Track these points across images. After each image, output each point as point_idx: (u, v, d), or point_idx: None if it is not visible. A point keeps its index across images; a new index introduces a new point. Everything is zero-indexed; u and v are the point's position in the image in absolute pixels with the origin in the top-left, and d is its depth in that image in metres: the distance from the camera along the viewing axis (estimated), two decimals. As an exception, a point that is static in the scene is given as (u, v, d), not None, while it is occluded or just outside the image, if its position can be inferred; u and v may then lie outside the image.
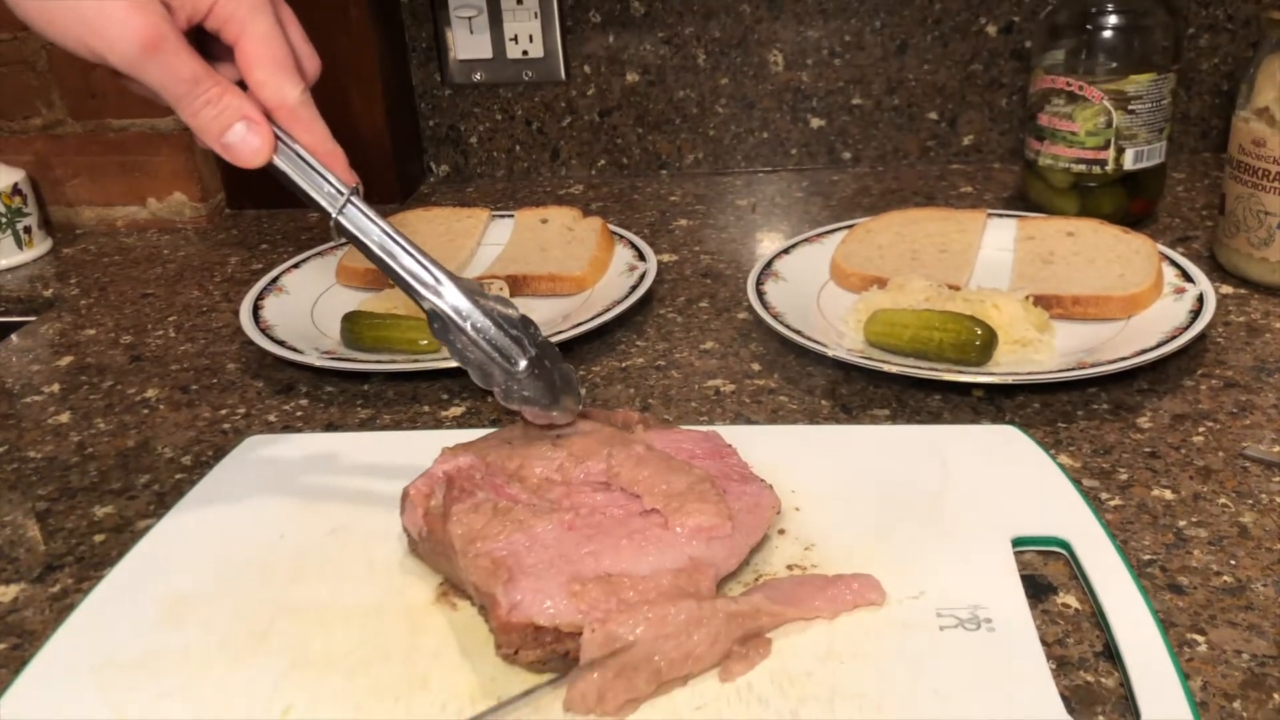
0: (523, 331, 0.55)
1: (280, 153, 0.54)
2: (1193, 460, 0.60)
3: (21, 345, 0.87)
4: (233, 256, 1.03)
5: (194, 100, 0.51)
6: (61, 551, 0.59)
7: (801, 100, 1.15)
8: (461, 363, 0.54)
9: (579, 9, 1.13)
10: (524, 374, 0.55)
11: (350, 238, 0.55)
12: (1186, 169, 1.09)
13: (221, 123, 0.52)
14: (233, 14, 0.52)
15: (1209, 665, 0.46)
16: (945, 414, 0.67)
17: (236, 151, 0.53)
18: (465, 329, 0.54)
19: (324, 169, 0.54)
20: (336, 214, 0.54)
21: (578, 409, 0.57)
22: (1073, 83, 0.88)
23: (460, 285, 0.55)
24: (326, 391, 0.75)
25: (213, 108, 0.52)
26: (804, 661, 0.46)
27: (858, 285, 0.81)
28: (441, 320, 0.54)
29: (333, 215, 0.54)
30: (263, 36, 0.52)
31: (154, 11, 0.49)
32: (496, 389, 0.54)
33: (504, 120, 1.19)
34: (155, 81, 0.50)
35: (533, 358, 0.55)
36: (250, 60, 0.53)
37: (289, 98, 0.53)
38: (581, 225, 0.93)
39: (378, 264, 0.55)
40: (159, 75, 0.50)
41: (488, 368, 0.54)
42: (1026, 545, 0.53)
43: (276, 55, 0.53)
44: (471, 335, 0.54)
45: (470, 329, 0.54)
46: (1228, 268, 0.83)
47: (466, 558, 0.48)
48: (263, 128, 0.53)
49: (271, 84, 0.53)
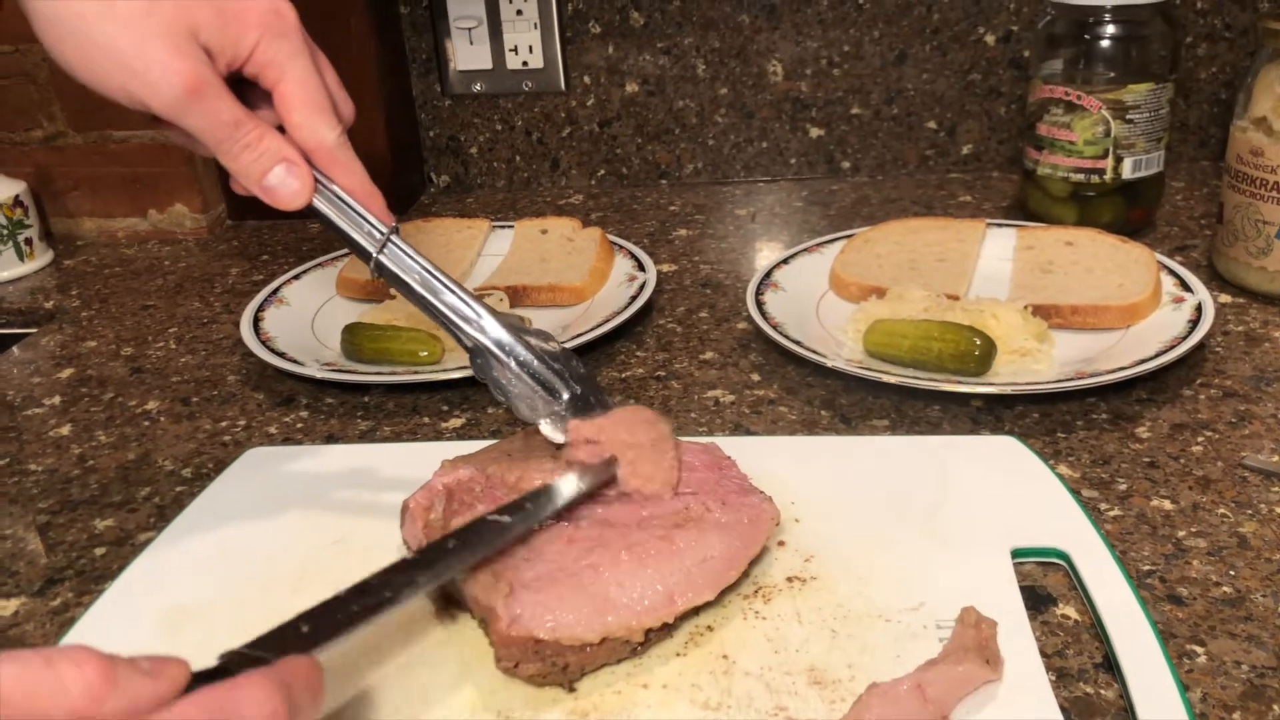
0: (565, 365, 0.56)
1: (319, 194, 0.55)
2: (1192, 470, 0.60)
3: (22, 357, 0.87)
4: (233, 268, 1.03)
5: (235, 144, 0.52)
6: (62, 565, 0.59)
7: (800, 110, 1.15)
8: (504, 397, 0.55)
9: (579, 20, 1.13)
10: (565, 407, 0.55)
11: (391, 277, 0.55)
12: (1185, 178, 1.09)
13: (262, 165, 0.53)
14: (272, 59, 0.53)
15: (1208, 676, 0.46)
16: (944, 424, 0.67)
17: (277, 194, 0.53)
18: (509, 364, 0.55)
19: (363, 209, 0.55)
20: (377, 254, 0.55)
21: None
22: (1071, 92, 0.89)
23: (502, 320, 0.55)
24: (327, 403, 0.75)
25: (253, 151, 0.52)
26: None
27: (857, 295, 0.81)
28: (484, 356, 0.55)
29: (374, 255, 0.55)
30: (301, 80, 0.53)
31: (196, 57, 0.50)
32: (543, 421, 0.55)
33: (504, 130, 1.19)
34: (196, 126, 0.51)
35: (575, 393, 0.55)
36: (289, 103, 0.53)
37: (327, 139, 0.54)
38: (581, 236, 0.93)
39: (418, 302, 0.55)
40: (200, 120, 0.51)
41: (532, 401, 0.55)
42: (1026, 556, 0.53)
43: (315, 99, 0.54)
44: (515, 370, 0.55)
45: (514, 364, 0.55)
46: (1226, 277, 0.83)
47: (467, 570, 0.48)
48: (302, 170, 0.54)
49: (310, 126, 0.54)
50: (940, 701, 0.43)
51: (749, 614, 0.49)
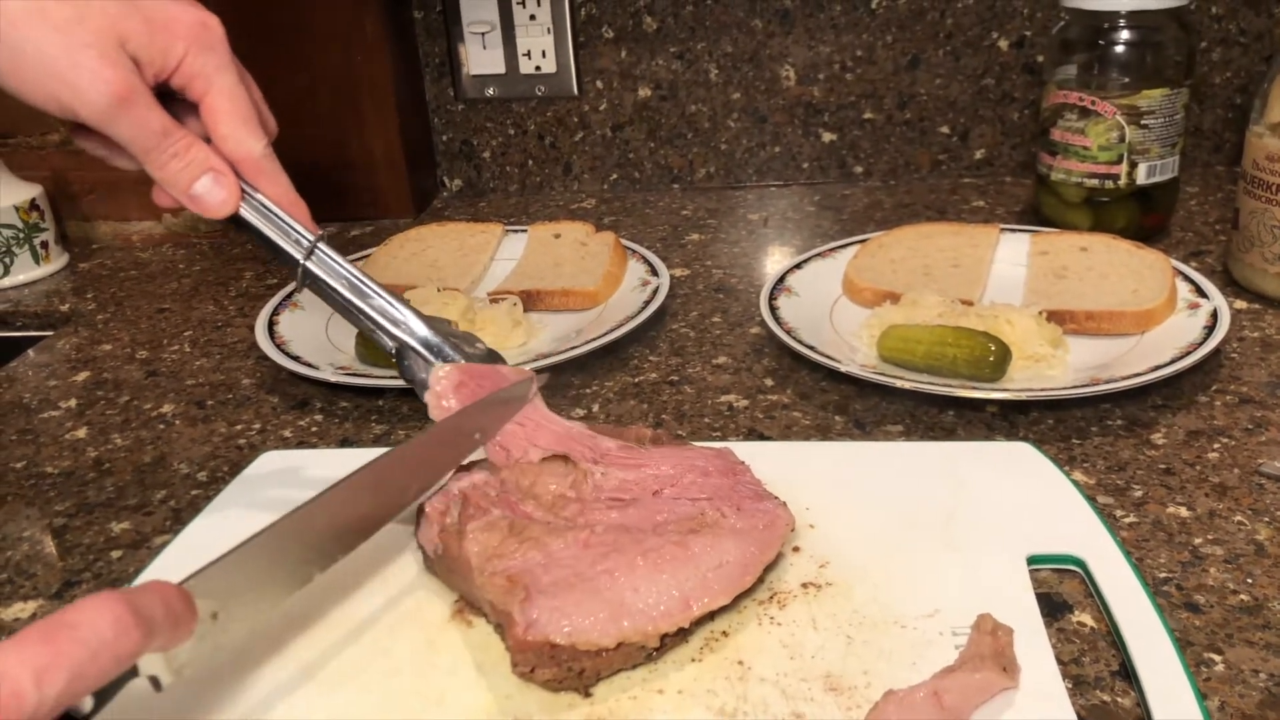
0: (490, 363, 0.57)
1: (245, 203, 0.55)
2: (1208, 477, 0.60)
3: (38, 360, 0.87)
4: (247, 271, 1.03)
5: (163, 153, 0.53)
6: (79, 568, 0.60)
7: (813, 114, 1.15)
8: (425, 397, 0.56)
9: (592, 24, 1.14)
10: None
11: (317, 284, 0.57)
12: (1199, 183, 1.08)
13: (189, 175, 0.53)
14: (200, 70, 0.53)
15: (1226, 685, 0.46)
16: (959, 430, 0.67)
17: (204, 202, 0.54)
18: (432, 362, 0.56)
19: (289, 219, 0.56)
20: (304, 260, 0.56)
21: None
22: (1085, 98, 0.89)
23: (428, 322, 0.57)
24: (341, 407, 0.75)
25: (180, 160, 0.53)
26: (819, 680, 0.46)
27: (870, 300, 0.81)
28: (410, 356, 0.56)
29: (300, 261, 0.56)
30: (228, 93, 0.54)
31: (125, 66, 0.50)
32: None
33: (516, 135, 1.19)
34: (125, 135, 0.51)
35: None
36: (217, 115, 0.54)
37: (254, 150, 0.55)
38: (594, 240, 0.94)
39: (344, 307, 0.57)
40: (129, 129, 0.51)
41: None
42: (1041, 563, 0.53)
43: (242, 110, 0.55)
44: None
45: (438, 363, 0.56)
46: (1241, 283, 0.83)
47: (483, 575, 0.48)
48: (229, 179, 0.54)
49: (237, 137, 0.54)
50: (957, 709, 0.43)
51: (764, 620, 0.49)
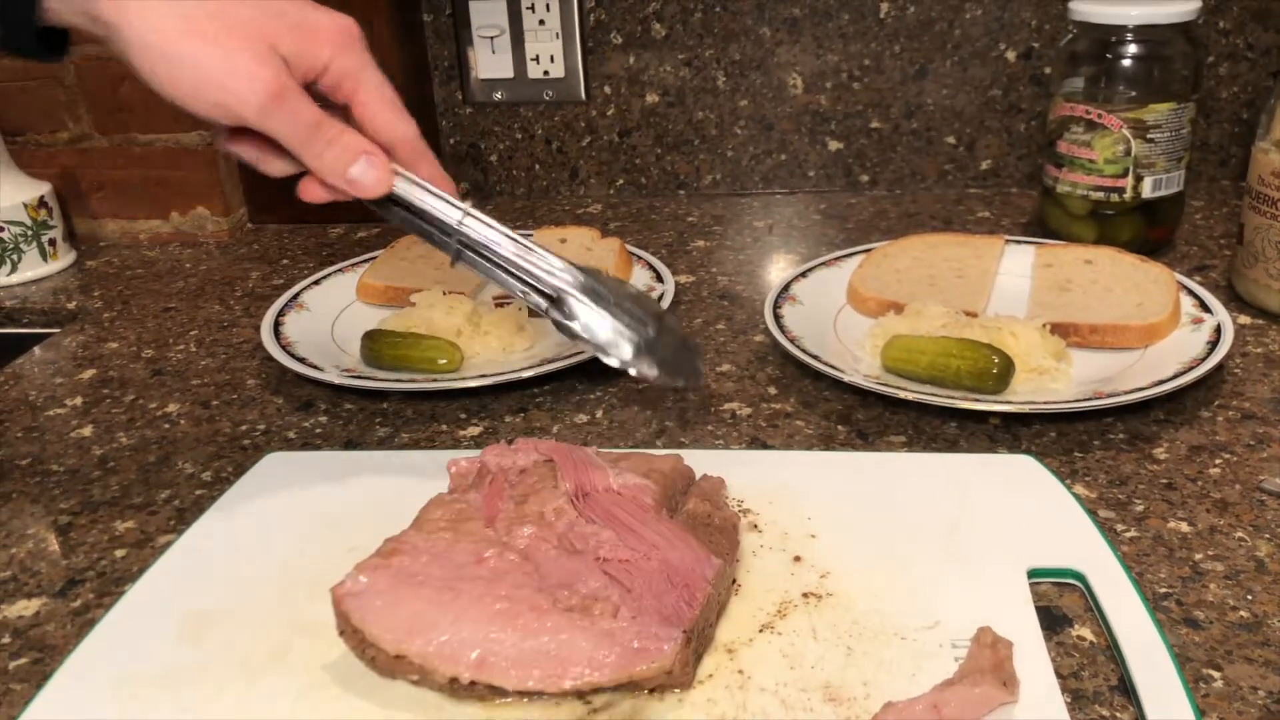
0: (641, 303, 0.63)
1: (398, 183, 0.59)
2: (1209, 493, 0.60)
3: (44, 357, 0.88)
4: (254, 271, 1.04)
5: (318, 141, 0.56)
6: (83, 566, 0.60)
7: (820, 123, 1.15)
8: (589, 340, 0.61)
9: (600, 30, 1.14)
10: (649, 338, 0.62)
11: (472, 249, 0.61)
12: (1205, 197, 1.09)
13: (346, 160, 0.57)
14: (348, 70, 0.57)
15: (1225, 702, 0.46)
16: (961, 441, 0.67)
17: (360, 184, 0.58)
18: (592, 306, 0.61)
19: (440, 192, 0.60)
20: (459, 225, 0.60)
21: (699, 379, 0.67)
22: (1092, 110, 0.89)
23: (583, 270, 0.61)
24: (346, 409, 0.75)
25: (335, 146, 0.57)
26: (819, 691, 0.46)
27: (875, 310, 0.82)
28: (568, 304, 0.61)
29: (456, 228, 0.60)
30: (378, 86, 0.59)
31: (276, 65, 0.54)
32: (620, 362, 0.61)
33: (524, 139, 1.20)
34: (281, 128, 0.55)
35: (655, 331, 0.62)
36: (371, 108, 0.58)
37: (409, 133, 0.60)
38: (600, 246, 0.94)
39: (499, 267, 0.61)
40: (284, 122, 0.55)
41: (617, 339, 0.61)
42: (1042, 577, 0.53)
43: (393, 99, 0.59)
44: (598, 313, 0.61)
45: (596, 306, 0.61)
46: (1245, 298, 0.83)
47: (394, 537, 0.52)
48: (381, 159, 0.58)
49: (392, 123, 0.59)
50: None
51: (765, 629, 0.49)
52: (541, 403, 0.74)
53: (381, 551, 0.51)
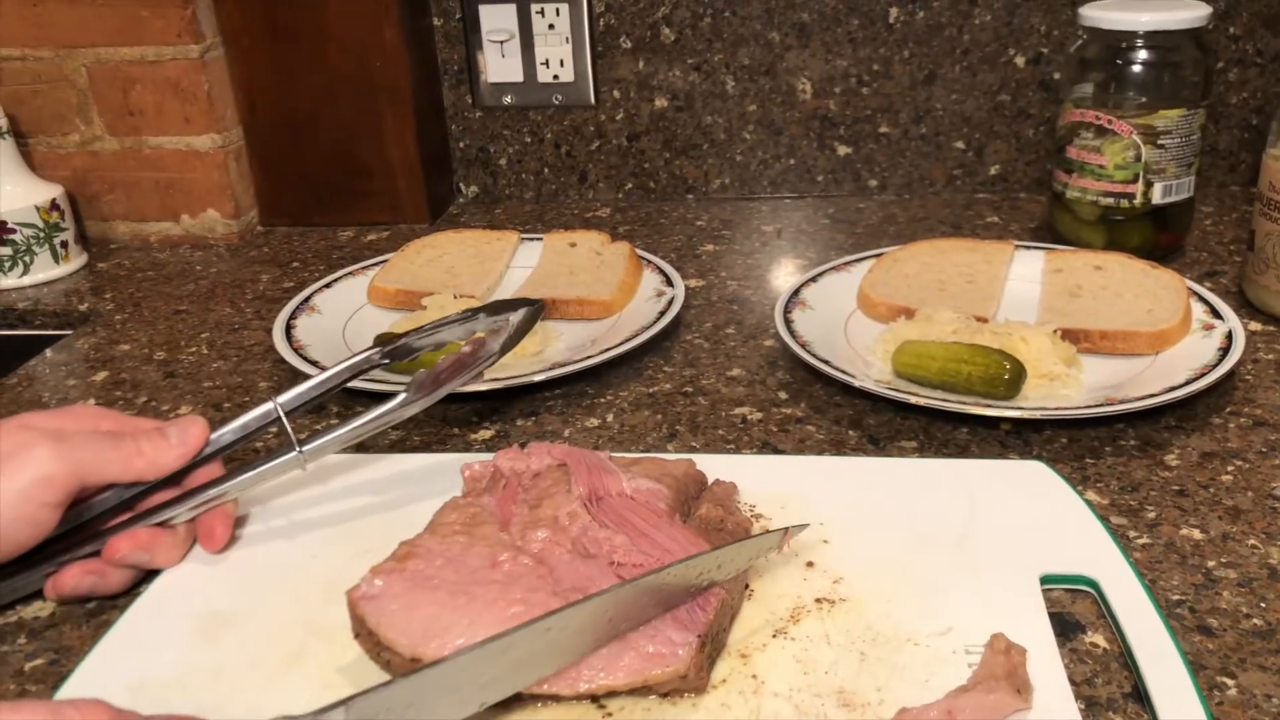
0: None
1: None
2: (1221, 499, 0.60)
3: (56, 359, 0.88)
4: (264, 274, 1.04)
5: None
6: (97, 567, 0.60)
7: (829, 128, 1.15)
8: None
9: (610, 34, 1.14)
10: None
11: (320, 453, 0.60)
12: (1215, 203, 1.09)
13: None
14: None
15: (1239, 709, 0.46)
16: (973, 447, 0.67)
17: (206, 543, 0.59)
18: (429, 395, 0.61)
19: (260, 462, 0.59)
20: (302, 457, 0.59)
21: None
22: (1102, 116, 0.89)
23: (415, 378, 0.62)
24: (357, 412, 0.75)
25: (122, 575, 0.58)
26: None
27: (885, 315, 0.82)
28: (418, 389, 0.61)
29: (301, 459, 0.59)
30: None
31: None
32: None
33: (533, 143, 1.20)
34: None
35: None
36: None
37: (174, 462, 0.58)
38: (610, 250, 0.94)
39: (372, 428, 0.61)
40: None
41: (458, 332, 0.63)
42: (1054, 583, 0.53)
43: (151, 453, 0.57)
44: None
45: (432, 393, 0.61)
46: (1256, 304, 0.83)
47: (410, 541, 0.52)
48: (165, 533, 0.57)
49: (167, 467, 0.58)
50: None
51: (778, 634, 0.50)
52: (552, 406, 0.75)
53: (396, 555, 0.51)
